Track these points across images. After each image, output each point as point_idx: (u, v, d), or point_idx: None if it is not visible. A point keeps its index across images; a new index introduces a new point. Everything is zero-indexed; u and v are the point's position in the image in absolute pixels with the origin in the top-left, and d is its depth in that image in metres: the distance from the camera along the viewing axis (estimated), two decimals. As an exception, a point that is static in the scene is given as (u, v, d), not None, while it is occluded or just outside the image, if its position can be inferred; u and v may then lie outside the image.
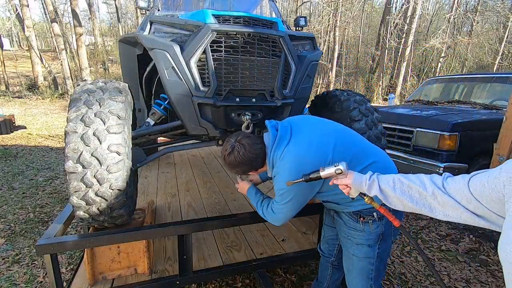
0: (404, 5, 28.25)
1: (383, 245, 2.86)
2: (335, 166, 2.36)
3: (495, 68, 28.75)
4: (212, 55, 3.73)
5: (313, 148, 2.64)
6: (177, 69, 3.70)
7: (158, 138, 5.60)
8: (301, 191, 2.72)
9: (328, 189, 2.78)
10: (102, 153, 2.93)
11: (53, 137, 14.79)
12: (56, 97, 26.86)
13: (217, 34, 3.69)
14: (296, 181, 2.52)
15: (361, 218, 2.80)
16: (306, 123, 2.91)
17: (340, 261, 3.44)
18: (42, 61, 30.10)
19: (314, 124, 2.90)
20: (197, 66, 3.76)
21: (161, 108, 4.20)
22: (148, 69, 4.52)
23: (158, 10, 5.23)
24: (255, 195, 3.22)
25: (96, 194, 2.97)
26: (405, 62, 28.40)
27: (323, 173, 2.41)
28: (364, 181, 2.27)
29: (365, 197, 2.33)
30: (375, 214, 2.76)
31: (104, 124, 2.99)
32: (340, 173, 2.35)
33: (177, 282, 3.51)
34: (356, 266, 2.93)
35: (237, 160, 2.78)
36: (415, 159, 6.71)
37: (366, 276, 2.91)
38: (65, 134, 2.94)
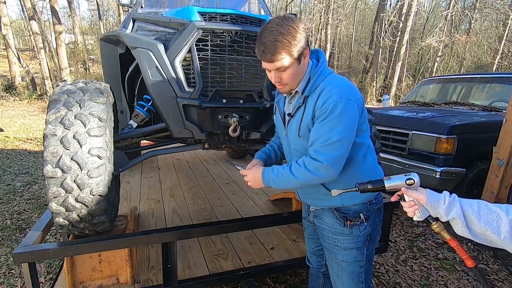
0: (399, 2, 28.39)
1: (370, 246, 2.87)
2: (405, 175, 2.18)
3: (494, 68, 28.86)
4: (198, 54, 3.73)
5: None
6: (161, 69, 3.69)
7: (141, 141, 5.59)
8: (357, 117, 2.46)
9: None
10: (82, 157, 2.93)
11: (31, 140, 14.71)
12: (35, 98, 26.69)
13: (203, 32, 3.70)
14: (347, 190, 2.38)
15: (348, 221, 2.76)
16: None
17: (331, 269, 3.42)
18: (19, 60, 29.90)
19: None
20: (182, 66, 3.76)
21: (144, 109, 4.17)
22: (130, 69, 4.49)
23: (141, 7, 5.23)
24: (280, 168, 2.65)
25: (76, 200, 2.98)
26: (400, 62, 28.53)
27: (389, 183, 2.22)
28: (442, 199, 2.04)
29: (434, 223, 2.15)
30: (361, 215, 2.75)
31: (85, 126, 3.00)
32: (412, 185, 2.15)
33: (161, 292, 3.50)
34: (346, 271, 2.88)
35: (300, 23, 2.42)
36: (411, 163, 6.71)
37: (357, 279, 2.88)
38: (43, 137, 2.94)
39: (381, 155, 6.27)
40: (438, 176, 6.19)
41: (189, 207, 5.60)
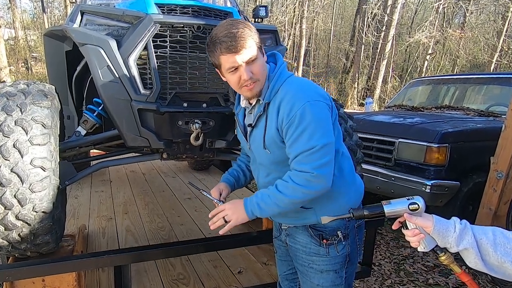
0: (384, -8, 28.59)
1: (350, 268, 2.86)
2: (407, 199, 2.12)
3: (492, 67, 29.19)
4: (155, 52, 3.74)
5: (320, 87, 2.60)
6: (113, 68, 3.67)
7: (91, 151, 5.57)
8: (329, 115, 2.48)
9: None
10: (24, 169, 2.93)
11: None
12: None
13: (161, 27, 3.70)
14: (339, 217, 2.37)
15: (324, 240, 2.71)
16: None
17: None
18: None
19: None
20: (137, 65, 3.75)
21: (94, 114, 4.12)
22: (78, 68, 4.42)
23: (91, -3, 5.23)
24: (262, 192, 2.62)
25: (17, 218, 2.96)
26: (385, 60, 28.78)
27: (389, 209, 2.16)
28: (452, 227, 1.98)
29: (442, 254, 2.08)
30: (339, 233, 2.71)
31: (27, 134, 2.99)
32: (416, 211, 2.09)
33: (113, 322, 3.50)
34: None
35: (250, 24, 2.51)
36: (397, 175, 6.66)
37: None
38: (-21, 146, 2.93)
39: (364, 166, 6.22)
40: (428, 190, 6.12)
41: (145, 225, 5.62)
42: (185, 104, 3.92)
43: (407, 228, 2.11)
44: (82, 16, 3.87)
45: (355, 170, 2.96)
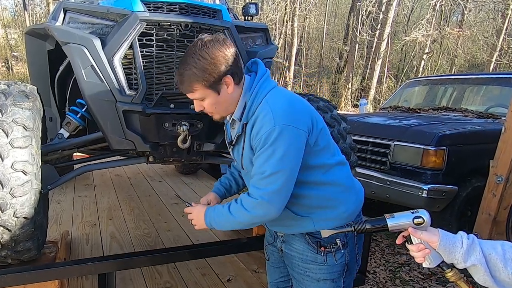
0: (379, -11, 28.62)
1: (348, 278, 2.85)
2: (412, 213, 2.10)
3: (491, 67, 29.25)
4: (141, 51, 3.75)
5: (304, 101, 2.61)
6: (97, 68, 3.66)
7: (74, 154, 5.55)
8: (300, 141, 2.45)
9: (316, 160, 2.59)
10: (4, 173, 2.93)
11: None
12: None
13: (147, 25, 3.71)
14: (341, 230, 2.39)
15: (322, 248, 2.69)
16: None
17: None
18: None
19: None
20: (122, 64, 3.76)
21: (78, 116, 4.11)
22: (61, 68, 4.40)
23: (75, -6, 5.22)
24: (220, 207, 2.71)
25: (-3, 224, 2.97)
26: (380, 60, 28.85)
27: (392, 223, 2.13)
28: (459, 242, 1.95)
29: (449, 271, 2.03)
30: (338, 241, 2.68)
31: (7, 136, 2.98)
32: (421, 225, 2.06)
33: (98, 332, 3.50)
34: None
35: (220, 49, 2.46)
36: (393, 180, 6.65)
37: None
38: (-43, 149, 2.93)
39: (358, 170, 6.18)
40: (425, 195, 6.11)
41: (130, 231, 5.62)
42: (172, 106, 3.92)
43: (411, 243, 2.09)
44: (65, 14, 3.83)
45: None
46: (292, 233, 2.84)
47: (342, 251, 2.72)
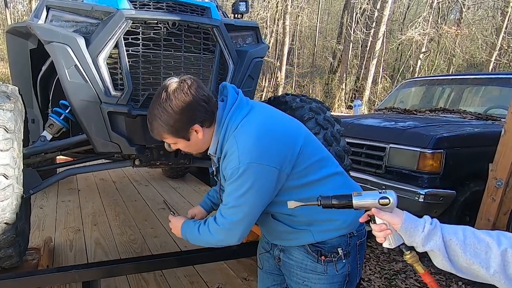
0: (374, -14, 28.61)
1: None
2: (380, 193, 2.12)
3: (491, 67, 29.26)
4: (127, 50, 3.74)
5: (282, 124, 2.68)
6: (81, 68, 3.66)
7: (57, 157, 5.52)
8: (267, 177, 2.49)
9: (294, 188, 2.63)
10: (-16, 177, 2.92)
11: None
12: None
13: (132, 23, 3.71)
14: (307, 203, 2.33)
15: (322, 257, 2.68)
16: (268, 105, 2.94)
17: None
18: None
19: (277, 109, 2.93)
20: (107, 64, 3.76)
21: (61, 118, 4.08)
22: (44, 68, 4.38)
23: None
24: (193, 224, 2.91)
25: (-23, 230, 2.96)
26: (375, 59, 28.83)
27: (358, 200, 2.16)
28: (421, 226, 2.00)
29: (408, 253, 2.10)
30: (340, 250, 2.68)
31: (-13, 139, 2.97)
32: (386, 205, 2.08)
33: None
34: None
35: (184, 100, 2.51)
36: (388, 184, 6.64)
37: None
38: None
39: (352, 174, 6.14)
40: (422, 200, 6.07)
41: (115, 238, 5.61)
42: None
43: (375, 223, 2.16)
44: (47, 12, 3.81)
45: None
46: (291, 246, 2.85)
47: (344, 261, 2.72)
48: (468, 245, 1.85)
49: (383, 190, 2.12)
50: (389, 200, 2.06)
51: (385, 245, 2.14)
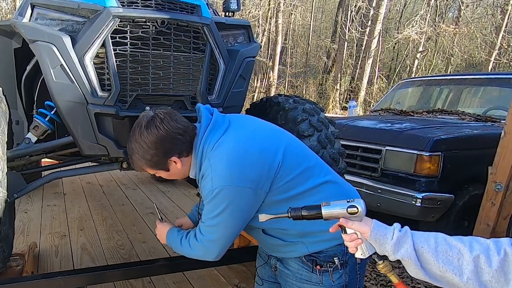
0: (370, -17, 28.62)
1: None
2: (348, 202, 2.12)
3: (490, 67, 29.30)
4: (114, 50, 3.73)
5: (258, 141, 2.68)
6: (67, 68, 3.64)
7: (42, 160, 5.51)
8: (241, 197, 2.56)
9: (275, 205, 2.64)
10: (-33, 180, 2.91)
11: None
12: None
13: (120, 22, 3.69)
14: (277, 216, 2.33)
15: (318, 266, 2.69)
16: (249, 118, 3.02)
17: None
18: None
19: (258, 120, 3.00)
20: (94, 64, 3.74)
21: (46, 119, 4.07)
22: (28, 68, 4.34)
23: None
24: (177, 234, 2.98)
25: (-41, 235, 2.96)
26: (371, 59, 28.86)
27: (327, 210, 2.16)
28: (390, 233, 2.00)
29: (380, 262, 2.07)
30: (336, 259, 2.68)
31: (-30, 141, 2.96)
32: (355, 214, 2.09)
33: None
34: None
35: (157, 135, 2.61)
36: (384, 187, 6.63)
37: None
38: None
39: (347, 177, 6.09)
40: (419, 204, 6.08)
41: (102, 243, 5.61)
42: (147, 108, 3.88)
43: (345, 232, 2.15)
44: (32, 10, 3.77)
45: None
46: (288, 257, 2.87)
47: (341, 271, 2.72)
48: (440, 252, 1.85)
49: (351, 199, 2.13)
50: (357, 208, 2.08)
51: (358, 255, 2.13)
